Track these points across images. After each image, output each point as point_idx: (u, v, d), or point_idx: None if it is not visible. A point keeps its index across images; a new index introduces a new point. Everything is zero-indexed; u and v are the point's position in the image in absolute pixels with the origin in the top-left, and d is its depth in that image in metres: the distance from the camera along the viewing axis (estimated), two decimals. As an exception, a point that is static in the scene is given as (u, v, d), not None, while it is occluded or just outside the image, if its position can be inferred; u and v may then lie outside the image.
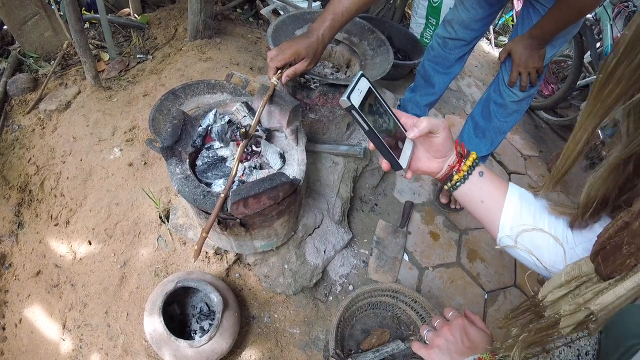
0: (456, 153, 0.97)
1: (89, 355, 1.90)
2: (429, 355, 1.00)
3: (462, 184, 0.98)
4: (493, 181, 0.97)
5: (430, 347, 1.01)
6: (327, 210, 2.22)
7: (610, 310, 0.62)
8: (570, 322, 0.67)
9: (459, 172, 0.97)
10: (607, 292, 0.62)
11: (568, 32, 1.96)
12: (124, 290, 1.99)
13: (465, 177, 0.97)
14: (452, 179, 0.98)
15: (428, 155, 0.99)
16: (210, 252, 1.98)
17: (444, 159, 0.98)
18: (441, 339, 1.00)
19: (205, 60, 2.82)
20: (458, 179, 0.97)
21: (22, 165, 2.50)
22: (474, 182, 0.97)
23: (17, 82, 2.76)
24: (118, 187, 2.20)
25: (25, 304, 2.13)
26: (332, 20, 1.65)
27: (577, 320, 0.66)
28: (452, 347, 0.98)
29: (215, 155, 1.62)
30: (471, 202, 0.99)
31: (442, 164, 0.98)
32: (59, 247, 2.18)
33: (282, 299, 2.08)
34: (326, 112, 2.03)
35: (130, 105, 2.56)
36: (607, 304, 0.61)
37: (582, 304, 0.65)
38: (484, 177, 0.97)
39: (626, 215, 0.60)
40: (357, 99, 0.83)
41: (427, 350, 1.01)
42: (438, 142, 0.94)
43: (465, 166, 0.96)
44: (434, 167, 0.99)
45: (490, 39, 4.84)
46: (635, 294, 0.59)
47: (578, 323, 0.66)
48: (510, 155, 3.40)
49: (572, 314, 0.66)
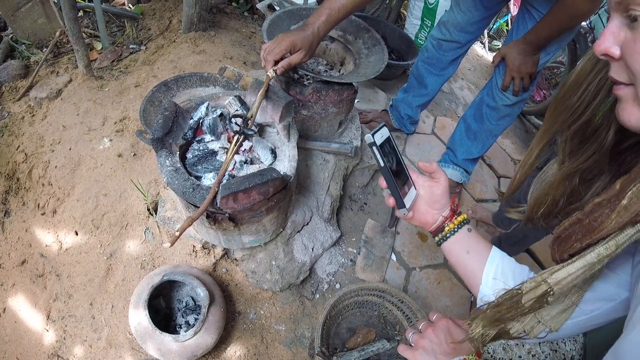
0: (450, 208, 1.09)
1: (73, 346, 1.89)
2: (414, 356, 1.03)
3: (452, 236, 1.08)
4: (479, 238, 1.08)
5: (415, 348, 1.04)
6: (316, 208, 2.22)
7: (563, 286, 0.73)
8: (531, 297, 0.77)
9: (451, 223, 1.08)
10: (560, 270, 0.74)
11: (562, 38, 1.98)
12: (109, 282, 1.98)
13: (455, 230, 1.08)
14: (444, 230, 1.09)
15: (427, 208, 1.11)
16: (198, 246, 1.97)
17: (440, 211, 1.10)
18: (426, 341, 1.03)
19: (199, 53, 2.81)
20: (449, 230, 1.08)
21: (11, 153, 2.47)
22: (463, 235, 1.08)
23: (8, 69, 2.73)
24: (107, 177, 2.18)
25: (9, 294, 2.11)
26: (329, 15, 1.65)
27: (537, 294, 0.76)
28: (437, 348, 1.00)
29: (206, 148, 1.61)
30: (457, 253, 1.09)
31: (437, 216, 1.10)
32: (45, 236, 2.16)
33: (268, 296, 2.07)
34: (319, 109, 2.02)
35: (121, 95, 2.54)
36: (561, 278, 0.73)
37: (540, 281, 0.76)
38: (471, 233, 1.09)
39: (580, 214, 0.73)
40: (380, 139, 0.97)
41: (412, 352, 1.04)
42: (438, 192, 1.07)
43: (457, 220, 1.08)
44: (430, 219, 1.11)
45: (484, 42, 4.85)
46: (584, 274, 0.71)
47: (538, 297, 0.76)
48: (500, 159, 3.42)
49: (533, 289, 0.77)
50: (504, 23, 4.86)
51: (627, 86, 0.65)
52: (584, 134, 0.84)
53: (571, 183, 0.88)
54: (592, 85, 0.79)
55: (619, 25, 0.63)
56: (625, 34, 0.62)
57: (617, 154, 0.82)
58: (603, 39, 0.64)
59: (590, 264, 0.70)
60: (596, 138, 0.82)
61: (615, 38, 0.63)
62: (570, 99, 0.82)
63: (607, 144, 0.80)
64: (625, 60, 0.62)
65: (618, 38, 0.63)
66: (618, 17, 0.63)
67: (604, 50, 0.65)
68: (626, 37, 0.62)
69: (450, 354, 0.97)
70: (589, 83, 0.79)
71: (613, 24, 0.63)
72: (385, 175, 1.00)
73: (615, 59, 0.64)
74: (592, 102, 0.80)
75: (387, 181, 1.01)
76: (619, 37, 0.63)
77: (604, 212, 0.68)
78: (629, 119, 0.66)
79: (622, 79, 0.65)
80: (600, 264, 0.69)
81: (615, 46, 0.63)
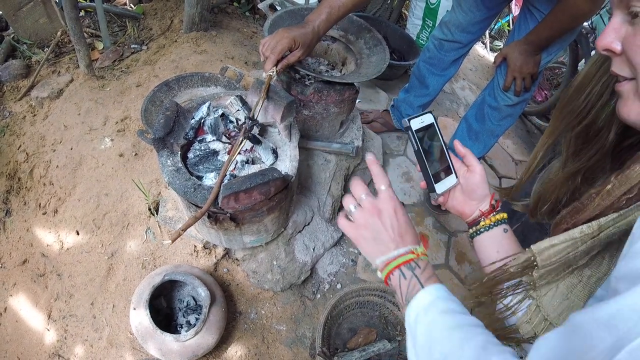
0: (490, 203, 1.07)
1: (74, 346, 1.89)
2: (356, 240, 0.93)
3: (485, 232, 1.06)
4: (513, 240, 1.05)
5: (356, 228, 0.93)
6: (317, 208, 2.22)
7: (546, 257, 0.75)
8: (515, 263, 0.81)
9: (487, 219, 1.06)
10: (544, 240, 0.76)
11: (564, 39, 1.97)
12: (110, 282, 1.98)
13: (490, 227, 1.05)
14: (479, 224, 1.06)
15: (464, 198, 1.09)
16: (199, 246, 1.97)
17: (477, 203, 1.08)
18: (367, 229, 0.92)
19: (200, 52, 2.81)
20: (484, 225, 1.06)
21: (12, 153, 2.47)
22: (497, 234, 1.05)
23: (9, 68, 2.73)
24: (108, 177, 2.18)
25: (10, 293, 2.11)
26: (329, 13, 1.64)
27: (520, 261, 0.80)
28: (384, 236, 0.90)
29: (208, 148, 1.61)
30: (486, 251, 1.06)
31: (475, 208, 1.08)
32: (47, 236, 2.16)
33: (269, 296, 2.07)
34: (320, 109, 2.02)
35: (122, 95, 2.54)
36: (543, 248, 0.75)
37: (524, 250, 0.80)
38: (506, 234, 1.05)
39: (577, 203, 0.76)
40: (417, 124, 1.00)
41: (354, 232, 0.93)
42: (474, 181, 1.06)
43: (494, 218, 1.05)
44: (467, 209, 1.09)
45: (485, 43, 4.84)
46: (567, 249, 0.73)
47: (521, 263, 0.80)
48: (502, 159, 3.42)
49: (519, 258, 0.81)
50: (505, 23, 4.86)
51: (629, 82, 0.67)
52: (587, 136, 0.86)
53: (574, 182, 0.89)
54: (596, 89, 0.82)
55: (621, 22, 0.65)
56: (627, 30, 0.64)
57: (619, 154, 0.84)
58: (605, 35, 0.66)
59: (573, 239, 0.72)
60: (598, 139, 0.84)
61: (616, 34, 0.66)
62: (575, 102, 0.85)
63: (608, 144, 0.83)
64: (626, 54, 0.65)
65: (619, 34, 0.65)
66: (619, 13, 0.65)
67: (606, 45, 0.67)
68: (627, 32, 0.64)
69: (397, 242, 0.89)
70: (593, 86, 0.82)
71: (615, 20, 0.66)
72: (418, 158, 1.02)
73: (617, 54, 0.67)
74: (596, 104, 0.83)
75: (419, 163, 1.02)
76: (620, 33, 0.65)
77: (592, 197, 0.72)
78: (629, 114, 0.68)
79: (624, 73, 0.67)
80: (582, 242, 0.71)
81: (617, 41, 0.66)
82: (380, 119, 2.98)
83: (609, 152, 0.84)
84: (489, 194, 1.08)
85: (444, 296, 0.83)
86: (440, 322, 0.77)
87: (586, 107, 0.84)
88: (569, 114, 0.88)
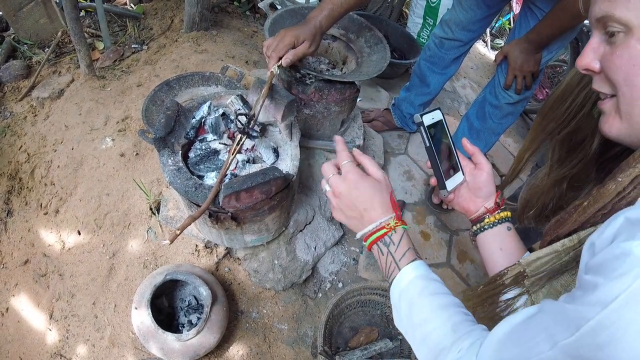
0: (495, 201, 1.09)
1: (76, 346, 1.89)
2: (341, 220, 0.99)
3: (489, 229, 1.08)
4: (516, 239, 1.07)
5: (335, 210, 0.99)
6: (318, 207, 2.22)
7: (534, 268, 0.80)
8: (510, 275, 0.86)
9: (491, 216, 1.07)
10: (532, 254, 0.82)
11: (565, 37, 1.97)
12: (112, 282, 1.98)
13: (495, 224, 1.07)
14: (483, 221, 1.08)
15: (470, 195, 1.11)
16: (200, 246, 1.97)
17: (483, 200, 1.09)
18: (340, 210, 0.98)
19: (201, 52, 2.80)
20: (489, 222, 1.07)
21: (13, 153, 2.47)
22: (501, 231, 1.07)
23: (10, 69, 2.73)
24: (109, 177, 2.18)
25: (12, 293, 2.11)
26: (331, 10, 1.64)
27: (513, 273, 0.85)
28: (353, 213, 0.95)
29: (208, 147, 1.61)
30: (490, 248, 1.08)
31: (480, 205, 1.09)
32: (48, 236, 2.16)
33: (271, 295, 2.07)
34: (321, 108, 2.02)
35: (123, 95, 2.54)
36: (531, 260, 0.80)
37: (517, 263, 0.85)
38: (510, 232, 1.07)
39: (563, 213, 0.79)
40: (428, 120, 1.00)
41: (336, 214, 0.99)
42: (481, 179, 1.07)
43: (498, 215, 1.07)
44: (472, 206, 1.11)
45: (486, 41, 4.84)
46: (552, 260, 0.78)
47: (514, 275, 0.85)
48: (503, 157, 3.41)
49: (512, 269, 0.86)
50: (506, 21, 4.85)
51: (610, 99, 0.70)
52: (571, 143, 0.91)
53: (560, 189, 0.94)
54: (579, 99, 0.87)
55: (599, 42, 0.68)
56: (604, 49, 0.67)
57: (604, 162, 0.87)
58: (584, 55, 0.70)
59: (556, 252, 0.77)
60: (582, 148, 0.88)
61: (595, 53, 0.69)
62: (558, 110, 0.91)
63: (592, 153, 0.87)
64: (605, 73, 0.67)
65: (598, 53, 0.68)
66: (598, 33, 0.68)
67: (585, 65, 0.70)
68: (605, 51, 0.67)
69: (362, 219, 0.93)
70: (575, 96, 0.87)
71: (593, 40, 0.69)
72: (430, 155, 1.03)
73: (597, 72, 0.70)
74: (578, 114, 0.88)
75: (430, 160, 1.03)
76: (599, 52, 0.68)
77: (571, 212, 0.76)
78: (610, 130, 0.71)
79: (604, 90, 0.70)
80: (565, 253, 0.76)
81: (596, 60, 0.69)
82: (382, 117, 2.98)
83: (593, 160, 0.88)
84: (495, 192, 1.10)
85: (421, 275, 0.88)
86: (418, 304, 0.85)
87: (568, 116, 0.89)
88: (551, 121, 0.93)
